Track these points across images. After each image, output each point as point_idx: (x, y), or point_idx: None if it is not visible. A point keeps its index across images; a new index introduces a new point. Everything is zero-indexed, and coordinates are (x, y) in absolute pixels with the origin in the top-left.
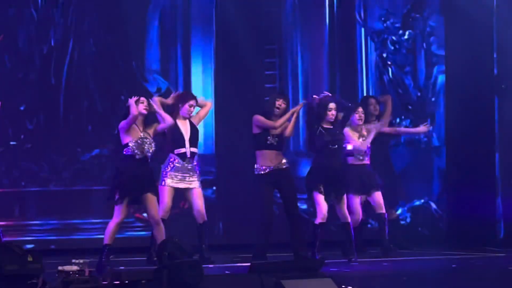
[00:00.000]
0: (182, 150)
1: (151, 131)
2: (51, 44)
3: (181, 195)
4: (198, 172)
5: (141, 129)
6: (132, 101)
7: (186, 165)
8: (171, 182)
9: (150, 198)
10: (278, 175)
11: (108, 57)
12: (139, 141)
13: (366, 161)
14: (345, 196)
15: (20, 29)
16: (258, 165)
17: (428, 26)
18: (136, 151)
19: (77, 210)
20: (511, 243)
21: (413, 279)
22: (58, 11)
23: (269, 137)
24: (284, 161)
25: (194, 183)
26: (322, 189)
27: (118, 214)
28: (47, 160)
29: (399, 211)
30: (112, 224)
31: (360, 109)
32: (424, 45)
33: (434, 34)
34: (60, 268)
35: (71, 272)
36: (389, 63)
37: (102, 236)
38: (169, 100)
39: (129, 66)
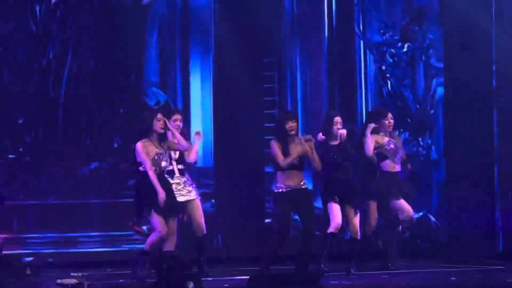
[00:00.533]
0: (170, 167)
1: (166, 146)
2: (49, 58)
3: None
4: (193, 184)
5: (157, 144)
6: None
7: (178, 180)
8: None
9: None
10: (297, 194)
11: (107, 70)
12: (156, 157)
13: (398, 168)
14: (358, 210)
15: (19, 43)
16: (279, 184)
17: (427, 38)
18: (154, 167)
19: (76, 223)
20: (510, 256)
21: None
22: (56, 25)
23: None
24: (303, 181)
25: (191, 194)
26: (337, 199)
27: (159, 227)
28: (46, 173)
29: None
30: (154, 237)
31: (390, 115)
32: (423, 57)
33: (433, 46)
34: (58, 281)
35: (69, 286)
36: (388, 75)
37: (101, 250)
38: None
39: (128, 79)
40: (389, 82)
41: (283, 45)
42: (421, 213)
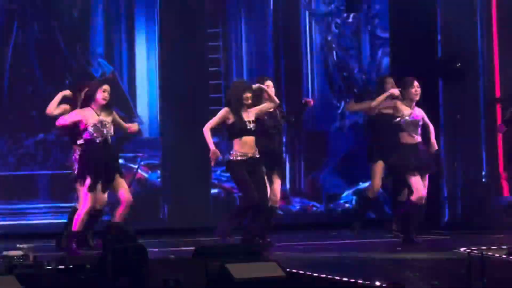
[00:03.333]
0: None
1: (110, 117)
2: None
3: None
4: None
5: (99, 113)
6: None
7: None
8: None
9: (119, 180)
10: (252, 163)
11: (52, 41)
12: (98, 125)
13: (419, 139)
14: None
15: None
16: (234, 151)
17: (372, 8)
18: (95, 134)
19: (22, 194)
20: (456, 226)
21: (357, 263)
22: None
23: (247, 123)
24: (257, 150)
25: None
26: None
27: (88, 201)
28: None
29: (344, 193)
30: (81, 212)
31: (416, 83)
32: (369, 27)
33: (379, 16)
34: (4, 253)
35: (15, 257)
36: (333, 46)
37: (48, 221)
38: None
39: (73, 50)
40: (334, 52)
41: (228, 15)
42: (367, 184)
